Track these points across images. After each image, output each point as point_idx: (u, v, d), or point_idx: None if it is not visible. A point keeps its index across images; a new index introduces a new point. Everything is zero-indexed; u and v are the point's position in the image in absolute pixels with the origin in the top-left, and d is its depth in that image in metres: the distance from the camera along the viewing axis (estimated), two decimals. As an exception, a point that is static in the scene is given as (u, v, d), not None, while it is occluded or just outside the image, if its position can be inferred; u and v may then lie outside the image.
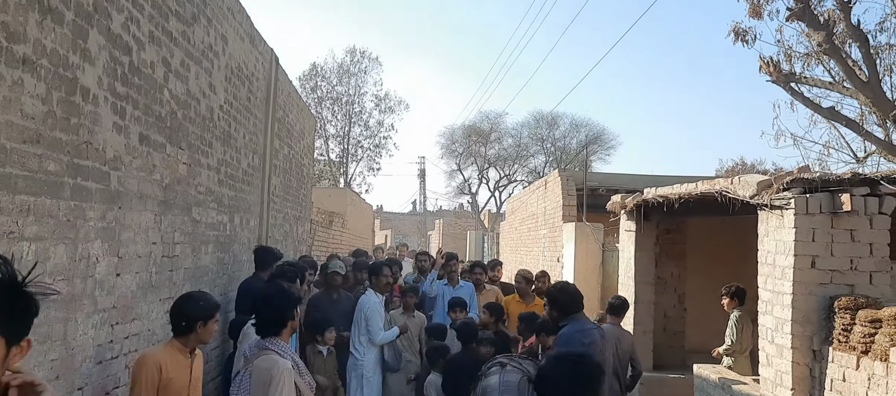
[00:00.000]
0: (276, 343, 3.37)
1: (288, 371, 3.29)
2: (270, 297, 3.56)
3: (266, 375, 3.24)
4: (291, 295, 3.65)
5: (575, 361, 2.40)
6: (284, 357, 3.34)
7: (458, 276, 7.43)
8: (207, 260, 5.76)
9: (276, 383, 3.21)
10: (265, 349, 3.35)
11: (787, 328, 5.09)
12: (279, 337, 3.42)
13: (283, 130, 9.16)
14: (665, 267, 9.39)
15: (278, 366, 3.25)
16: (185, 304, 3.61)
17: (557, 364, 2.40)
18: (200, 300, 3.66)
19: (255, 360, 3.34)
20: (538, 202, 14.94)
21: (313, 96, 33.31)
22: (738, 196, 5.57)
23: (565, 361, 2.40)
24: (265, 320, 3.46)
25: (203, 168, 5.50)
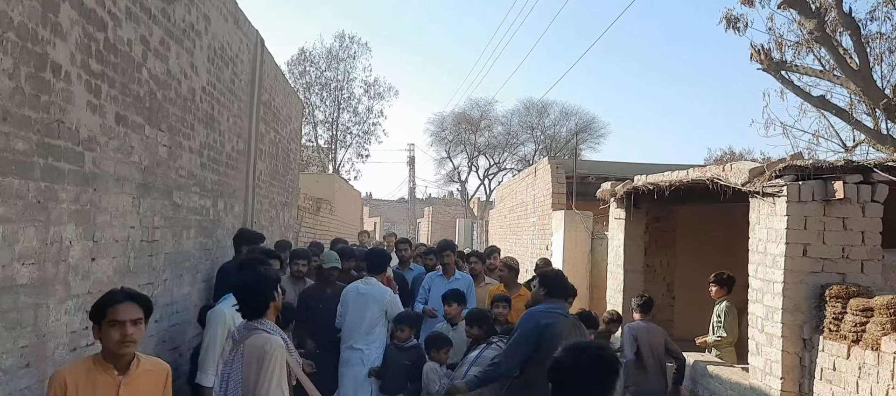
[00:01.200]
0: (264, 323, 3.39)
1: (280, 347, 3.33)
2: (248, 284, 3.51)
3: (258, 351, 3.26)
4: (268, 278, 3.58)
5: (595, 353, 2.32)
6: (274, 335, 3.37)
7: (453, 267, 6.81)
8: (189, 246, 5.63)
9: (269, 358, 3.25)
10: (254, 328, 3.37)
11: (778, 316, 5.04)
12: (264, 318, 3.43)
13: (268, 114, 9.01)
14: (654, 256, 9.34)
15: (270, 343, 3.29)
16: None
17: (576, 355, 2.29)
18: (126, 297, 2.71)
19: (246, 340, 3.34)
20: (527, 190, 14.87)
21: (301, 82, 32.98)
22: (730, 183, 5.50)
23: (585, 352, 2.30)
24: (247, 305, 3.46)
25: (184, 151, 5.36)
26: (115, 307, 2.68)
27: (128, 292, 2.82)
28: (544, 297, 4.45)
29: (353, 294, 5.73)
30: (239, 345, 3.38)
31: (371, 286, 5.76)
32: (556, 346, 3.87)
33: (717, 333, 6.59)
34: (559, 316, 4.37)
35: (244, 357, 3.32)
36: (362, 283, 5.84)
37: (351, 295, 5.73)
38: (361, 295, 5.68)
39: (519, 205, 15.97)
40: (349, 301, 5.72)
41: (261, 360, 3.26)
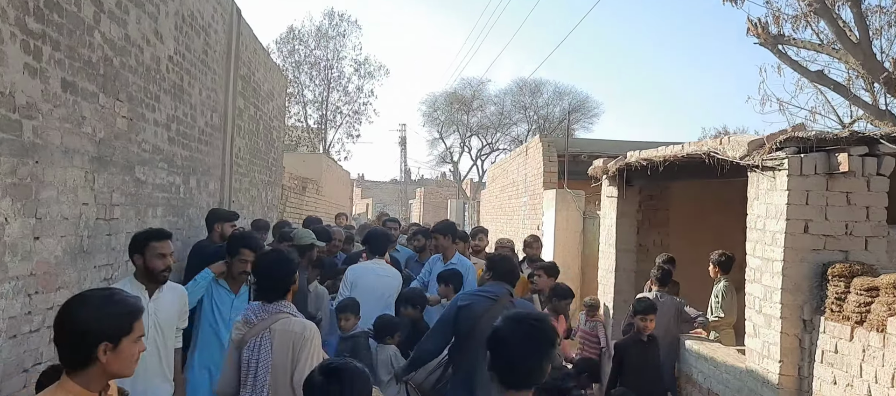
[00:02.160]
0: (287, 306, 3.20)
1: (317, 331, 3.19)
2: (270, 264, 3.34)
3: (294, 337, 3.07)
4: (291, 259, 3.42)
5: (531, 323, 2.27)
6: (308, 320, 3.26)
7: (451, 250, 6.22)
8: (156, 224, 5.29)
9: (309, 343, 3.07)
10: (278, 312, 3.15)
11: (777, 297, 4.78)
12: (285, 300, 3.24)
13: (248, 89, 8.66)
14: (647, 235, 9.07)
15: (309, 328, 3.12)
16: (72, 316, 1.98)
17: (512, 324, 2.26)
18: (101, 304, 2.01)
19: (275, 324, 3.11)
20: (519, 169, 14.58)
21: (290, 60, 32.49)
22: (728, 157, 5.21)
23: (521, 322, 2.27)
24: (269, 287, 3.24)
25: (148, 123, 5.03)
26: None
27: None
28: (488, 280, 4.38)
29: (371, 277, 5.35)
30: (261, 329, 3.12)
31: (387, 269, 5.57)
32: (476, 327, 3.94)
33: (716, 313, 6.34)
34: (482, 299, 4.20)
35: (274, 344, 3.08)
36: (375, 265, 5.52)
37: (366, 278, 5.33)
38: (380, 277, 5.38)
39: (510, 185, 15.69)
40: (362, 284, 5.30)
41: (299, 346, 3.06)
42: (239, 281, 4.37)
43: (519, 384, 2.20)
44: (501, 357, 2.21)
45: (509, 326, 2.24)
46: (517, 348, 2.19)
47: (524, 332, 2.22)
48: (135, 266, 3.64)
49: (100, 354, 1.94)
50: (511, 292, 4.28)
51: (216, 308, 4.29)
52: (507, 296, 4.24)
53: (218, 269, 4.35)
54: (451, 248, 6.20)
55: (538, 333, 2.24)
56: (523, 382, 2.20)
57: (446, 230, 6.32)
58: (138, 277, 3.60)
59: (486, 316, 4.19)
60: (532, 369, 2.21)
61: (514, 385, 2.19)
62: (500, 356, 2.21)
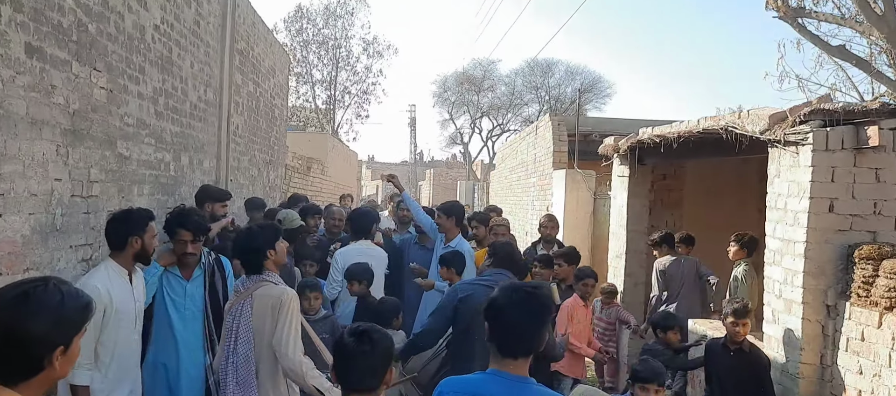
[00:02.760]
0: (271, 275, 3.33)
1: (295, 297, 3.27)
2: (242, 240, 3.52)
3: (273, 301, 3.19)
4: (260, 234, 3.45)
5: (529, 292, 2.29)
6: (284, 286, 3.31)
7: (454, 231, 5.90)
8: (143, 203, 5.05)
9: (285, 307, 3.18)
10: (262, 280, 3.29)
11: (799, 280, 4.47)
12: (266, 270, 3.34)
13: (246, 64, 8.38)
14: (659, 216, 8.75)
15: (287, 293, 3.23)
16: (20, 324, 1.65)
17: (509, 293, 2.28)
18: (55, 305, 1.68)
19: (256, 291, 3.26)
20: (528, 149, 14.25)
21: (298, 40, 32.12)
22: (747, 132, 4.88)
23: (517, 292, 2.29)
24: (246, 261, 3.41)
25: (132, 96, 4.77)
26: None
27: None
28: (489, 267, 4.12)
29: (358, 258, 5.07)
30: (245, 296, 3.28)
31: (374, 249, 5.34)
32: (476, 320, 3.58)
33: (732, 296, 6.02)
34: (482, 288, 3.91)
35: (253, 308, 3.23)
36: (362, 246, 5.27)
37: (354, 260, 5.06)
38: (369, 259, 5.09)
39: (519, 165, 15.37)
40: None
41: (276, 309, 3.18)
42: (188, 264, 3.87)
43: (516, 352, 2.22)
44: (499, 327, 2.24)
45: (506, 295, 2.27)
46: (514, 316, 2.21)
47: (521, 300, 2.24)
48: (127, 247, 3.32)
49: (52, 360, 1.65)
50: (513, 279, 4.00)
51: (168, 298, 3.84)
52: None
53: (166, 261, 3.83)
54: (453, 229, 5.85)
55: (535, 301, 2.25)
56: (521, 350, 2.22)
57: (450, 211, 5.95)
58: (120, 259, 3.33)
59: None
60: (530, 337, 2.24)
61: (512, 354, 2.22)
62: (498, 325, 2.24)
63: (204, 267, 3.90)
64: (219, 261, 4.01)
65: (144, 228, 3.38)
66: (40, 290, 1.66)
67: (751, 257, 6.30)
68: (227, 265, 4.06)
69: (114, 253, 3.36)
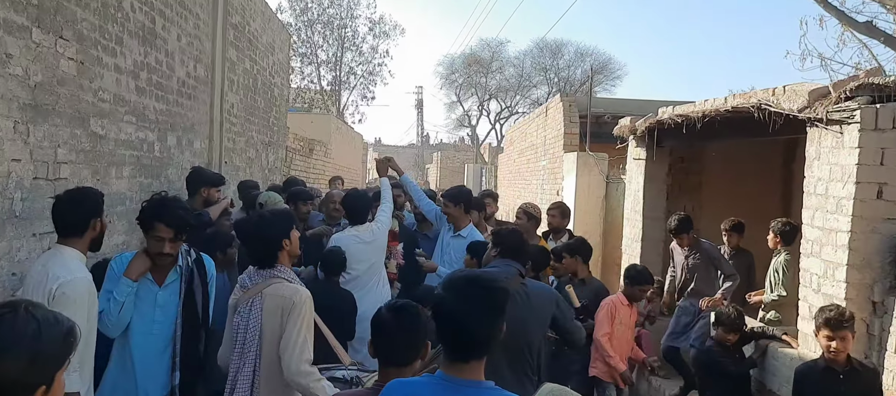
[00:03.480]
0: (284, 271, 3.04)
1: (310, 298, 3.01)
2: (255, 230, 3.12)
3: (285, 302, 2.94)
4: (275, 222, 3.10)
5: (479, 284, 2.03)
6: (298, 285, 3.04)
7: (464, 219, 5.47)
8: (122, 186, 4.68)
9: (298, 310, 2.92)
10: (273, 276, 3.01)
11: (841, 274, 4.04)
12: (279, 264, 3.05)
13: (242, 40, 7.95)
14: (677, 201, 8.29)
15: (300, 294, 2.97)
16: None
17: (460, 291, 2.01)
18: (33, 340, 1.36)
19: (267, 288, 2.98)
20: (538, 131, 13.79)
21: (303, 19, 31.57)
22: (783, 109, 4.43)
23: (468, 284, 2.03)
24: (255, 252, 3.09)
25: (107, 69, 4.36)
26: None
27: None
28: (495, 258, 3.66)
29: (356, 245, 4.72)
30: (254, 293, 2.99)
31: (370, 234, 4.85)
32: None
33: (777, 291, 5.58)
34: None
35: (263, 308, 2.96)
36: (358, 232, 4.82)
37: (352, 247, 4.68)
38: (367, 244, 4.74)
39: (528, 148, 14.91)
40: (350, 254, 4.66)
41: (287, 312, 2.93)
42: (163, 266, 3.12)
43: (468, 353, 1.97)
44: (446, 325, 1.99)
45: (453, 288, 2.03)
46: (462, 312, 1.96)
47: (470, 294, 1.98)
48: (87, 231, 2.90)
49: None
50: (522, 271, 3.59)
51: (135, 308, 3.11)
52: (518, 277, 3.55)
53: (138, 270, 3.07)
54: (463, 218, 5.43)
55: (486, 294, 2.00)
56: (474, 351, 1.97)
57: (458, 197, 5.47)
58: (79, 246, 2.87)
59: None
60: (482, 336, 1.98)
61: (462, 356, 1.96)
62: (445, 323, 2.00)
63: (181, 271, 3.16)
64: (199, 262, 3.26)
65: (102, 209, 2.99)
66: (9, 320, 1.30)
67: (791, 246, 5.86)
68: (209, 266, 3.34)
69: (69, 239, 2.85)
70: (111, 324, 3.00)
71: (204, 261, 3.30)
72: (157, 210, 3.06)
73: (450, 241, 5.42)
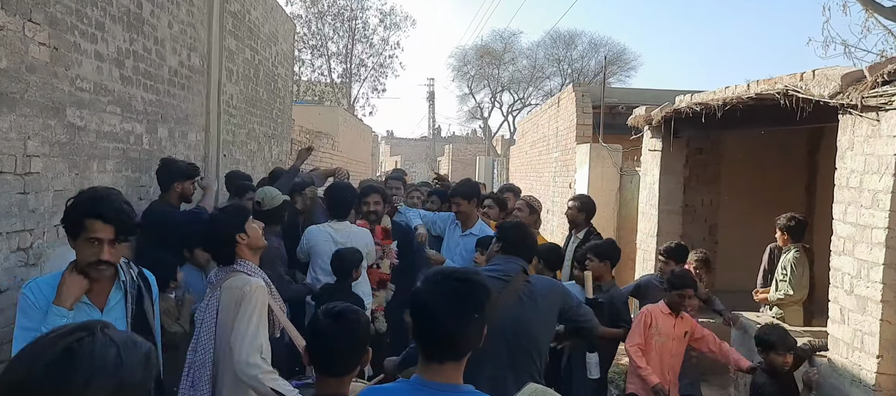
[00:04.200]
0: (243, 264, 3.03)
1: (261, 288, 2.97)
2: (207, 232, 3.19)
3: (237, 293, 2.91)
4: (224, 221, 3.10)
5: (458, 282, 1.92)
6: (253, 276, 3.00)
7: (473, 216, 5.21)
8: (106, 180, 4.42)
9: (248, 300, 2.88)
10: (233, 270, 3.02)
11: (877, 274, 3.70)
12: (239, 258, 3.04)
13: (241, 29, 7.68)
14: (695, 194, 7.97)
15: (250, 284, 2.95)
16: None
17: (437, 286, 1.92)
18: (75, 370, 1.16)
19: (224, 282, 3.00)
20: (550, 122, 13.45)
21: (313, 10, 31.32)
22: (812, 96, 4.09)
23: (447, 282, 1.92)
24: (213, 251, 3.19)
25: (86, 57, 4.09)
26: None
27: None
28: (497, 254, 3.40)
29: (326, 243, 4.53)
30: (216, 288, 3.02)
31: (351, 234, 4.61)
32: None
33: (782, 289, 5.26)
34: (490, 280, 3.14)
35: (221, 301, 2.96)
36: (333, 230, 4.62)
37: (322, 245, 4.55)
38: (336, 246, 4.46)
39: (540, 140, 14.58)
40: (319, 251, 4.55)
41: (238, 303, 2.88)
42: (101, 280, 2.46)
43: (444, 355, 1.88)
44: (423, 325, 1.90)
45: (430, 287, 1.93)
46: (440, 312, 1.86)
47: (448, 292, 1.89)
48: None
49: None
50: (525, 268, 3.30)
51: None
52: (522, 275, 3.26)
53: (73, 294, 2.39)
54: (473, 214, 5.16)
55: (462, 294, 1.90)
56: (450, 353, 1.88)
57: (470, 193, 5.16)
58: None
59: (499, 300, 3.23)
60: (459, 337, 1.88)
61: (438, 357, 1.87)
62: (422, 323, 1.90)
63: (125, 287, 2.54)
64: (143, 276, 2.66)
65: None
66: (87, 345, 1.10)
67: (800, 241, 5.52)
68: (151, 280, 2.74)
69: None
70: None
71: (147, 275, 2.71)
72: (92, 204, 2.38)
73: (458, 240, 5.13)
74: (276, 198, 4.40)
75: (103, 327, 1.14)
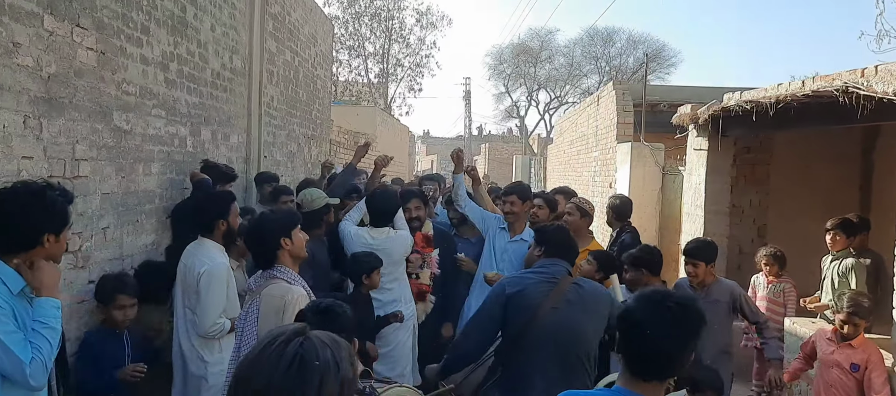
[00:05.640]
0: (283, 271, 2.98)
1: (302, 297, 2.89)
2: (252, 229, 3.16)
3: (277, 302, 2.87)
4: (271, 223, 3.05)
5: (679, 308, 1.88)
6: (294, 284, 2.94)
7: (521, 219, 4.82)
8: (152, 183, 4.47)
9: (290, 311, 2.80)
10: (273, 277, 2.97)
11: (947, 281, 3.51)
12: (279, 264, 2.98)
13: (282, 31, 7.72)
14: (743, 194, 7.75)
15: (292, 293, 2.89)
16: None
17: (654, 307, 1.90)
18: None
19: (263, 289, 2.94)
20: (589, 121, 13.25)
21: (350, 11, 31.53)
22: (876, 92, 3.90)
23: (665, 306, 1.89)
24: (256, 255, 3.10)
25: (132, 60, 4.13)
26: None
27: None
28: (540, 257, 3.33)
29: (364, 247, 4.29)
30: (255, 295, 2.97)
31: (386, 233, 4.36)
32: (534, 320, 3.07)
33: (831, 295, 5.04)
34: (537, 282, 3.17)
35: (261, 310, 2.91)
36: (369, 233, 4.35)
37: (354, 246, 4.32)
38: (382, 251, 4.23)
39: (579, 139, 14.38)
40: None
41: (280, 313, 2.84)
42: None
43: (652, 374, 1.90)
44: (633, 342, 1.90)
45: (646, 308, 1.91)
46: (656, 334, 1.86)
47: (664, 317, 1.86)
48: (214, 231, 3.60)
49: None
50: (569, 270, 3.21)
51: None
52: (569, 277, 3.18)
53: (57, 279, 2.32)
54: (524, 218, 4.81)
55: (683, 319, 1.88)
56: (658, 373, 1.91)
57: (525, 194, 4.76)
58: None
59: (546, 304, 3.14)
60: (672, 360, 1.89)
61: (645, 374, 1.90)
62: (632, 340, 1.90)
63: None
64: None
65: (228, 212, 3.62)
66: (310, 349, 1.24)
67: (858, 245, 5.29)
68: None
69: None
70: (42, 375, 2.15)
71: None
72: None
73: (506, 247, 4.69)
74: (317, 200, 4.34)
75: (305, 330, 1.26)
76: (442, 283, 4.77)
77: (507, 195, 4.83)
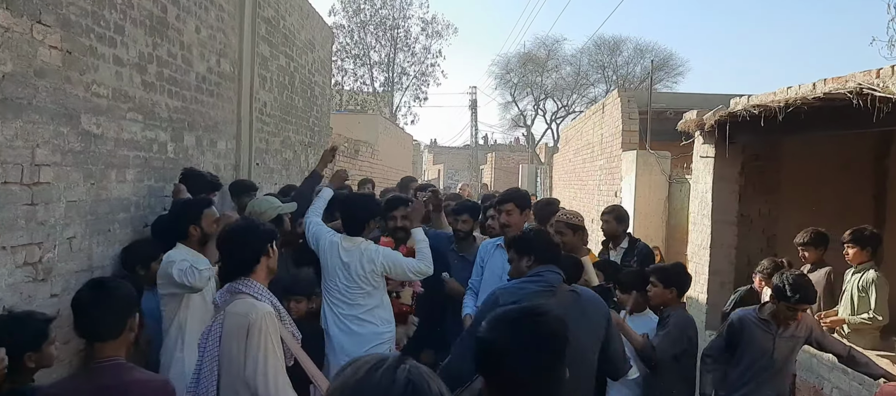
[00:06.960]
0: (249, 285, 2.77)
1: (269, 315, 2.71)
2: (237, 231, 2.95)
3: (241, 321, 2.66)
4: (259, 228, 2.96)
5: (533, 321, 1.74)
6: (261, 300, 2.74)
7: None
8: (126, 191, 4.25)
9: (255, 331, 2.63)
10: (238, 292, 2.77)
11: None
12: (252, 277, 2.79)
13: (276, 35, 7.52)
14: (751, 203, 7.47)
15: (256, 310, 2.68)
16: None
17: (508, 328, 1.73)
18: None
19: (228, 307, 2.75)
20: (595, 129, 13.01)
21: (356, 20, 31.43)
22: (892, 94, 3.64)
23: (519, 322, 1.73)
24: (231, 261, 2.88)
25: (104, 61, 3.92)
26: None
27: None
28: (530, 267, 2.99)
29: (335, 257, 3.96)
30: (220, 311, 2.79)
31: (357, 246, 3.92)
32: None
33: (861, 312, 4.76)
34: (534, 292, 2.84)
35: (224, 328, 2.72)
36: (343, 241, 3.94)
37: (330, 258, 3.97)
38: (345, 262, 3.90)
39: (584, 147, 14.13)
40: (326, 264, 3.98)
41: (244, 333, 2.64)
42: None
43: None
44: (495, 373, 1.75)
45: (501, 330, 1.75)
46: (519, 358, 1.70)
47: (523, 335, 1.71)
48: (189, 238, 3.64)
49: None
50: (563, 276, 2.97)
51: None
52: (564, 285, 2.94)
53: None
54: (521, 227, 4.10)
55: (543, 333, 1.74)
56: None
57: (524, 202, 4.15)
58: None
59: None
60: (541, 383, 1.71)
61: None
62: (494, 371, 1.75)
63: None
64: None
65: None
66: (415, 374, 1.22)
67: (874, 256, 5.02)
68: None
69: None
70: None
71: None
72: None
73: (505, 265, 3.84)
74: (267, 212, 4.01)
75: (400, 357, 1.25)
76: (425, 303, 4.38)
77: (502, 203, 4.17)
